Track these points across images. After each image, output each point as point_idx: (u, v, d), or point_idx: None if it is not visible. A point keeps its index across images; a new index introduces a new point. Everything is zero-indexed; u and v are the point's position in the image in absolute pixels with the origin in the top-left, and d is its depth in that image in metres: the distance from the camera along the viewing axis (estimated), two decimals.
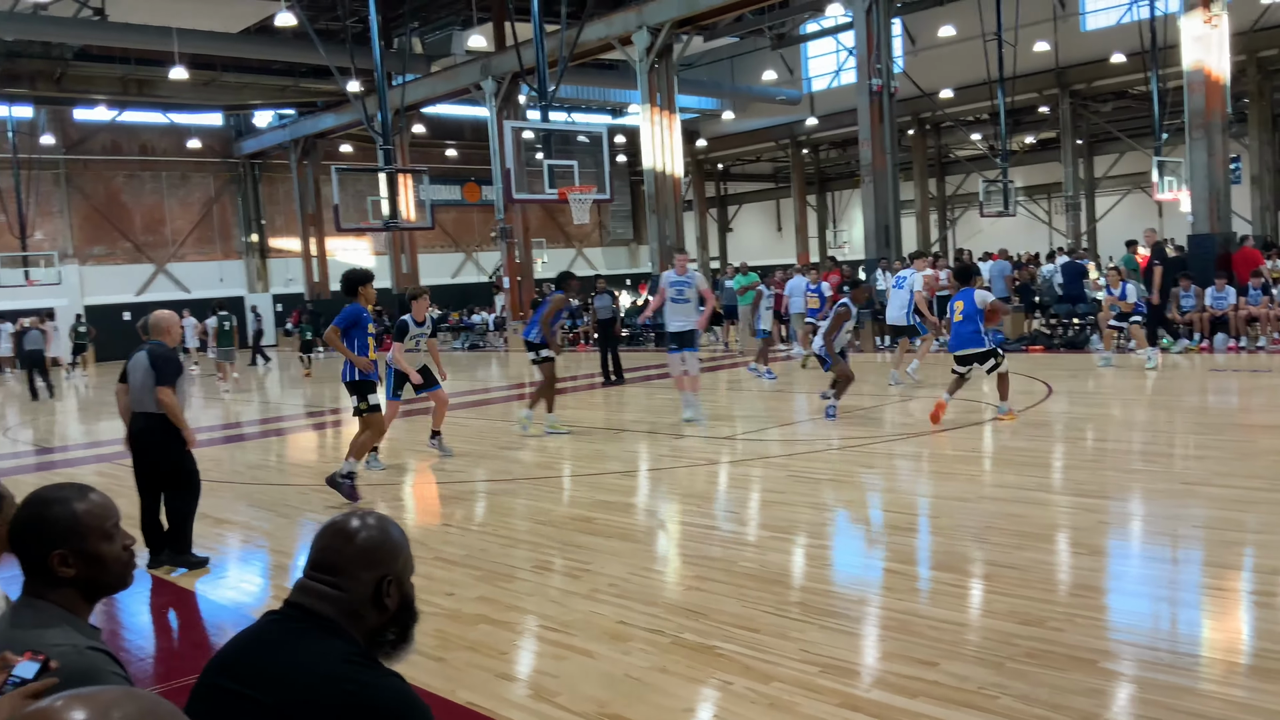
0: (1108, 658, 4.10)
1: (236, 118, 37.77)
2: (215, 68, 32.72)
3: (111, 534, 2.09)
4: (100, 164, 34.88)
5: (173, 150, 36.28)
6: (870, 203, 20.04)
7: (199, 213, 37.03)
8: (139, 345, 6.93)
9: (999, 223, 30.13)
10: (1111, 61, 28.26)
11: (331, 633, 1.87)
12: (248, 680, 1.82)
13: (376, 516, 2.02)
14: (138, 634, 5.69)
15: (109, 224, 34.91)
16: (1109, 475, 7.67)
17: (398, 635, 1.99)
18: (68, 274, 32.95)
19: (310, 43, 23.06)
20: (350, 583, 1.92)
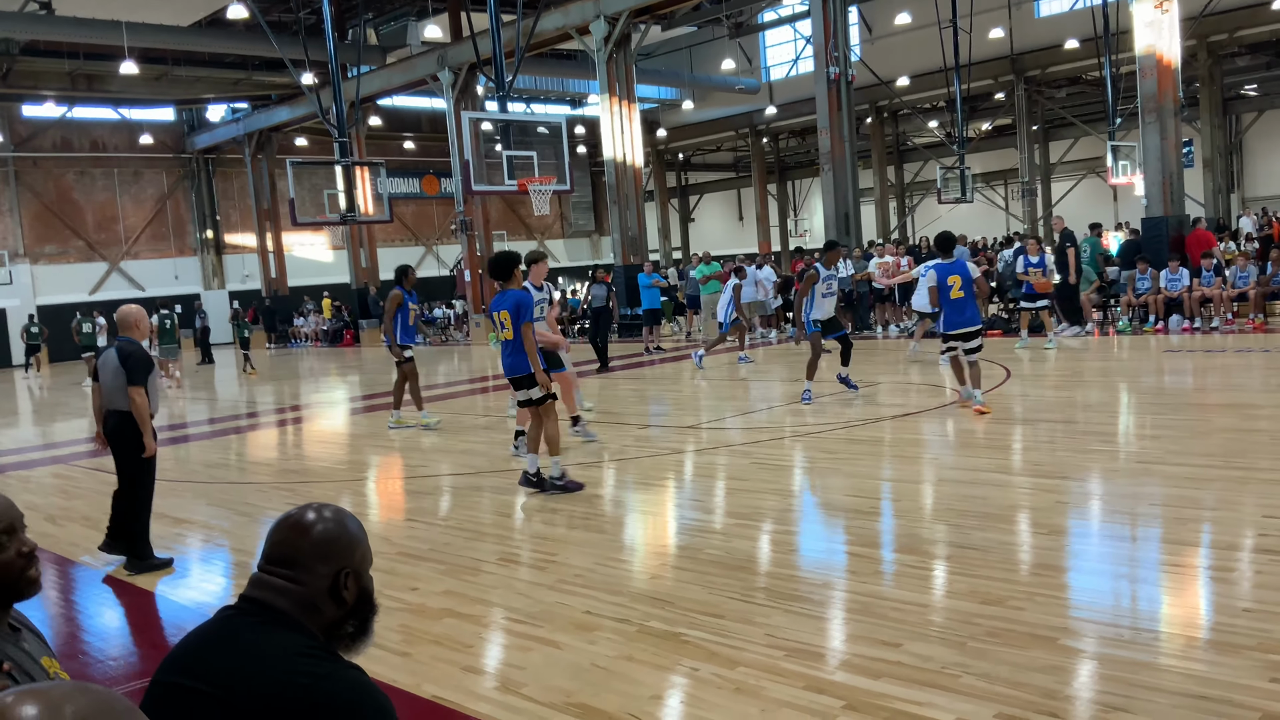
0: (1068, 635, 4.15)
1: (189, 112, 37.22)
2: (166, 61, 32.20)
3: (11, 533, 1.98)
4: (50, 161, 34.25)
5: (124, 146, 35.69)
6: (830, 191, 20.14)
7: (152, 209, 36.48)
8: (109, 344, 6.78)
9: (957, 209, 30.39)
10: (1065, 48, 28.58)
11: (287, 626, 1.84)
12: (203, 676, 1.79)
13: (333, 509, 1.99)
14: (97, 636, 5.60)
15: (60, 222, 34.31)
16: (1067, 456, 7.77)
17: (356, 628, 1.96)
18: (19, 274, 32.38)
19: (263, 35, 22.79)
20: (306, 576, 1.89)
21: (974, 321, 9.83)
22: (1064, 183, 36.70)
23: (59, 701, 1.01)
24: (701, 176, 48.57)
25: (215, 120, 37.37)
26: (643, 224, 24.43)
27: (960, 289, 9.72)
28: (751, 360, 15.95)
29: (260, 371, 23.09)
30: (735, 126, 39.85)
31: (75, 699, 1.02)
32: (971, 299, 9.79)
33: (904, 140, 40.10)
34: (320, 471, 9.76)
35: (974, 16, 25.99)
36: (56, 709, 1.00)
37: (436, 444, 10.79)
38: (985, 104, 35.03)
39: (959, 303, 9.79)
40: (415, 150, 39.97)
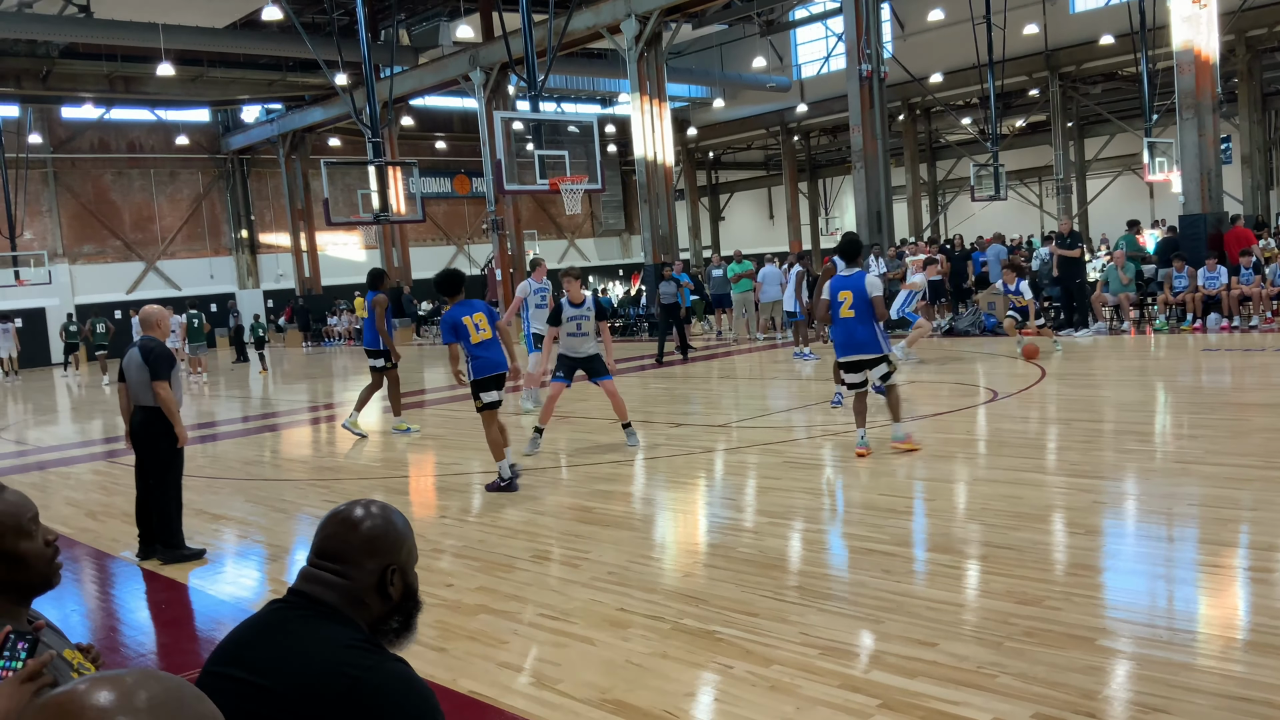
0: (1105, 635, 4.12)
1: (224, 113, 37.60)
2: (202, 63, 32.57)
3: (29, 530, 1.99)
4: (88, 162, 34.72)
5: (161, 147, 36.13)
6: (861, 189, 20.04)
7: (188, 209, 36.89)
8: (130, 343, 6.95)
9: (990, 207, 30.16)
10: (1100, 43, 28.27)
11: (335, 620, 1.88)
12: (252, 667, 1.82)
13: (380, 505, 2.03)
14: (134, 629, 5.69)
15: (98, 222, 34.77)
16: (1104, 455, 7.70)
17: (401, 624, 1.99)
18: (58, 273, 32.84)
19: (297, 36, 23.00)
20: (354, 571, 1.93)
21: (868, 348, 8.14)
22: (1099, 180, 36.31)
23: (132, 687, 1.03)
24: (732, 175, 48.48)
25: (250, 121, 37.74)
26: (673, 223, 24.43)
27: (851, 307, 8.08)
28: (815, 356, 15.77)
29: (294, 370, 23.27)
30: (766, 124, 39.74)
31: (148, 684, 1.05)
32: (868, 320, 8.10)
33: (937, 137, 39.83)
34: (354, 469, 9.85)
35: (1007, 12, 25.78)
36: (130, 694, 1.02)
37: (467, 442, 10.84)
38: (1019, 101, 34.73)
39: (848, 324, 8.14)
40: (447, 150, 40.17)
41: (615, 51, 25.27)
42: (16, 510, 1.99)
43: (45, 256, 32.11)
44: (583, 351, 9.48)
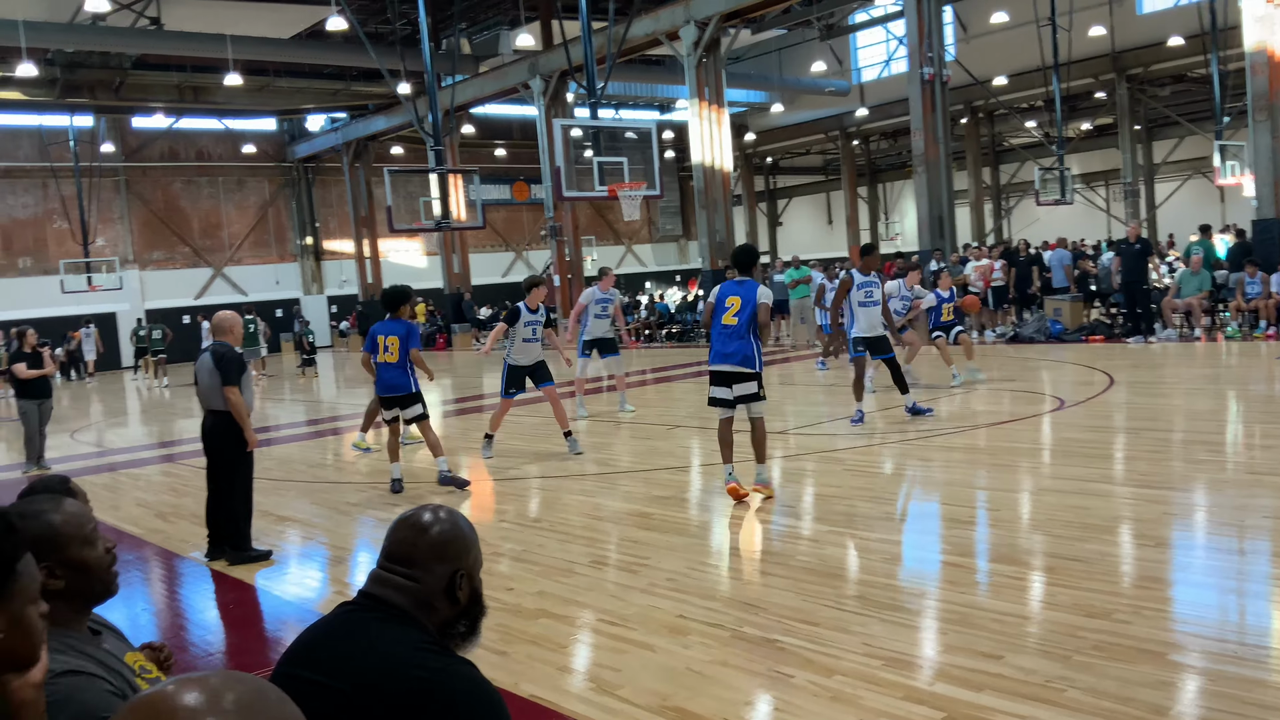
0: (1176, 650, 4.03)
1: (290, 122, 38.33)
2: (268, 73, 33.22)
3: (92, 539, 2.04)
4: (158, 170, 35.60)
5: (228, 155, 36.93)
6: (923, 193, 19.83)
7: (254, 216, 37.65)
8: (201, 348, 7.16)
9: (1056, 211, 29.63)
10: (1169, 44, 27.67)
11: (405, 622, 1.91)
12: (323, 668, 1.86)
13: (448, 511, 2.06)
14: (202, 628, 5.80)
15: (168, 229, 35.62)
16: (1173, 466, 7.53)
17: (467, 628, 2.03)
18: (129, 279, 33.65)
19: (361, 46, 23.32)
20: (424, 575, 1.96)
21: (743, 360, 7.21)
22: (1168, 183, 35.53)
23: (219, 689, 1.06)
24: (790, 180, 48.25)
25: (315, 130, 38.42)
26: (731, 228, 24.37)
27: (735, 315, 7.26)
28: (828, 368, 15.63)
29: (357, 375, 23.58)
30: (825, 129, 39.50)
31: (234, 686, 1.07)
32: (747, 334, 7.25)
33: (1000, 141, 39.26)
34: (415, 472, 9.96)
35: (1073, 14, 25.35)
36: (217, 696, 1.05)
37: (522, 447, 10.91)
38: (1085, 103, 34.10)
39: (729, 332, 7.29)
40: (506, 157, 40.52)
41: (673, 57, 25.28)
42: (79, 520, 2.03)
43: (116, 263, 32.94)
44: (534, 358, 10.16)
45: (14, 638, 1.83)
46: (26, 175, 32.80)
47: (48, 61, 29.62)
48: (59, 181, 32.32)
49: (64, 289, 31.02)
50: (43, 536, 1.97)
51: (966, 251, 20.45)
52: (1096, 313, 19.38)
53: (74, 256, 32.06)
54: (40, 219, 33.12)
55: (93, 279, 31.74)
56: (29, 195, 32.98)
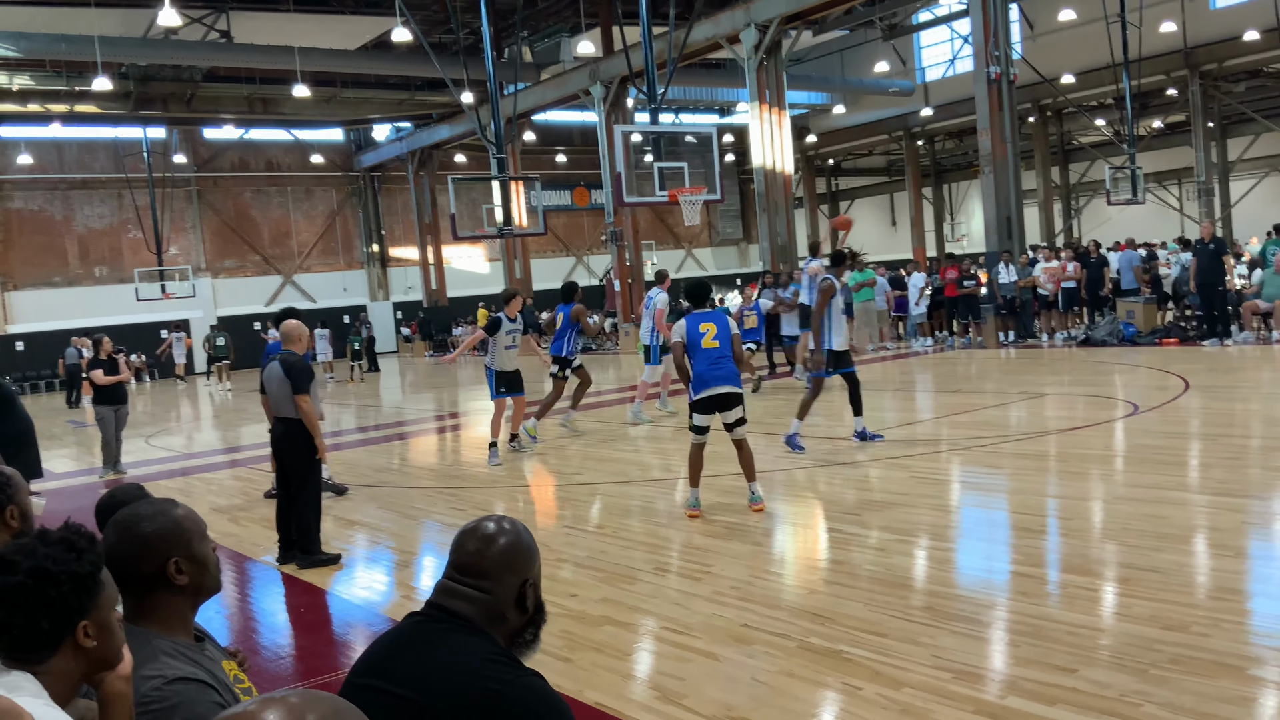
0: (1256, 664, 3.90)
1: (356, 132, 38.99)
2: (335, 84, 33.84)
3: (206, 535, 2.16)
4: (229, 181, 36.42)
5: (297, 165, 37.67)
6: (990, 194, 19.52)
7: (322, 225, 38.33)
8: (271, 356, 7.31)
9: (1127, 211, 29.02)
10: (1244, 40, 26.95)
11: (474, 633, 1.93)
12: (395, 679, 1.88)
13: (511, 521, 2.07)
14: (274, 631, 5.90)
15: (238, 238, 36.42)
16: (1251, 473, 7.31)
17: (533, 636, 2.04)
18: (201, 287, 34.49)
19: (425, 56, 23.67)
20: (495, 586, 1.98)
21: (737, 380, 7.40)
22: (1244, 182, 34.56)
23: (301, 709, 1.09)
24: (852, 181, 47.84)
25: (380, 139, 39.02)
26: (792, 231, 24.22)
27: (715, 339, 7.34)
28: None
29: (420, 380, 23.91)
30: (888, 129, 39.10)
31: (316, 707, 1.10)
32: (729, 354, 7.34)
33: (1069, 139, 38.53)
34: (480, 477, 10.04)
35: (1143, 10, 24.81)
36: (300, 715, 1.08)
37: (587, 452, 10.95)
38: (1156, 100, 33.32)
39: (716, 355, 7.32)
40: (566, 163, 40.77)
41: (734, 61, 25.23)
42: (196, 516, 2.17)
43: (189, 271, 33.78)
44: (514, 365, 10.86)
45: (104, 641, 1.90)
46: (102, 186, 33.76)
47: (122, 75, 30.50)
48: (133, 192, 33.25)
49: (139, 297, 31.88)
50: (170, 532, 2.09)
51: (1035, 252, 20.08)
52: (1170, 315, 18.92)
53: (148, 265, 32.93)
54: (115, 229, 34.06)
55: (166, 287, 32.58)
56: (104, 206, 33.94)
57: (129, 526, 2.08)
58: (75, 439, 17.35)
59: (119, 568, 2.01)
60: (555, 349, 12.16)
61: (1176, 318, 18.52)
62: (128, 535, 2.07)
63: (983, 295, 19.83)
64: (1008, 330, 19.45)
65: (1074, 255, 19.77)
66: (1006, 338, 19.37)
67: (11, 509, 2.80)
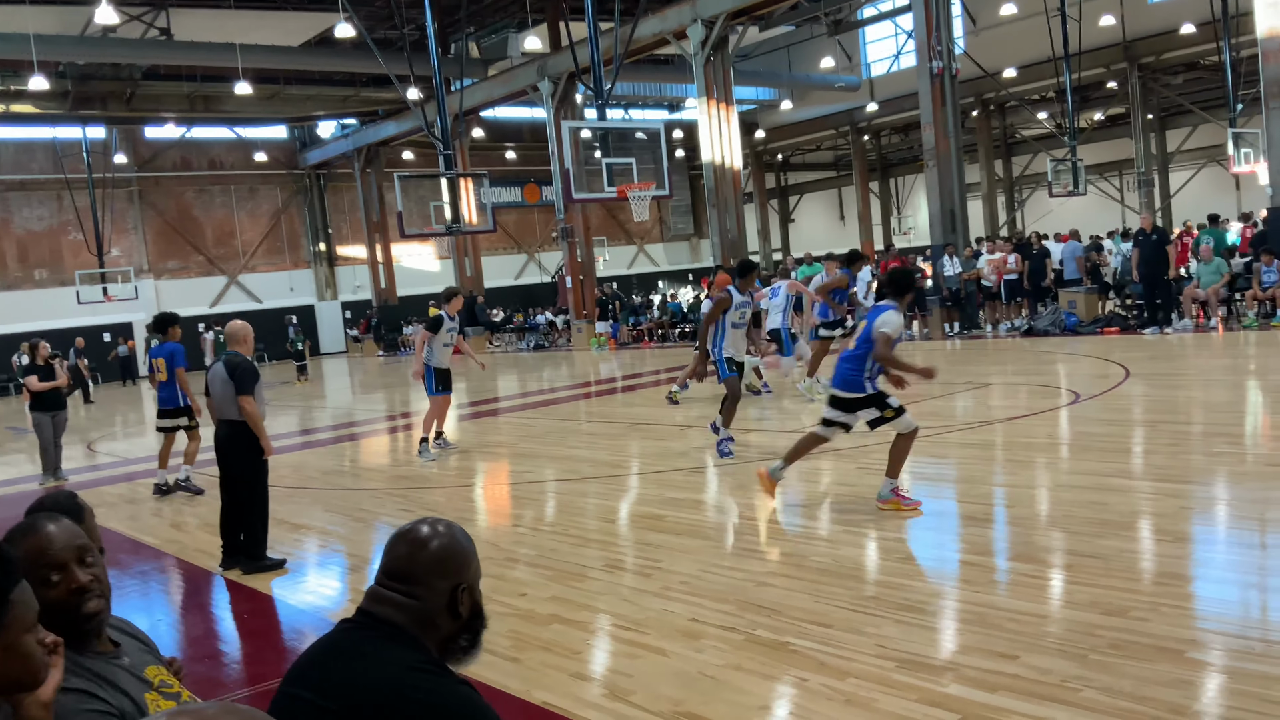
0: (1195, 648, 3.97)
1: (301, 129, 38.48)
2: (278, 81, 33.35)
3: (76, 560, 2.06)
4: (171, 180, 35.79)
5: (240, 164, 37.10)
6: (935, 187, 19.74)
7: (268, 224, 37.81)
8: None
9: (1069, 202, 29.48)
10: (1181, 33, 27.49)
11: (403, 641, 1.89)
12: (321, 689, 1.84)
13: (446, 524, 2.03)
14: (218, 639, 5.81)
15: (182, 238, 35.81)
16: (1192, 459, 7.46)
17: (469, 641, 2.00)
18: (144, 289, 33.86)
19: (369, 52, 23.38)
20: (425, 591, 1.93)
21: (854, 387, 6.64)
22: (1182, 172, 35.26)
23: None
24: (801, 176, 48.13)
25: (326, 136, 38.56)
26: (742, 226, 24.32)
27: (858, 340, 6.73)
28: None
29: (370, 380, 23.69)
30: (835, 125, 39.39)
31: (228, 718, 1.04)
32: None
33: (1012, 133, 39.06)
34: (430, 477, 9.96)
35: (1083, 4, 25.21)
36: None
37: (539, 450, 10.91)
38: (1097, 93, 33.90)
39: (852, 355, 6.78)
40: (516, 160, 40.57)
41: (681, 56, 25.26)
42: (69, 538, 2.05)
43: (131, 273, 33.17)
44: (449, 363, 11.05)
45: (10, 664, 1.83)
46: (41, 188, 33.04)
47: (59, 74, 29.83)
48: (73, 193, 32.55)
49: (80, 300, 31.23)
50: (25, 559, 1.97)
51: (980, 245, 20.33)
52: (1111, 305, 19.26)
53: (89, 267, 32.27)
54: (55, 231, 33.36)
55: (108, 289, 31.96)
56: (43, 207, 33.22)
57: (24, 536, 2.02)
58: (15, 446, 16.96)
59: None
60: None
61: (1117, 307, 18.85)
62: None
63: (928, 288, 20.05)
64: (953, 322, 19.67)
65: (1015, 247, 20.06)
66: (952, 329, 19.59)
67: None
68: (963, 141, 21.10)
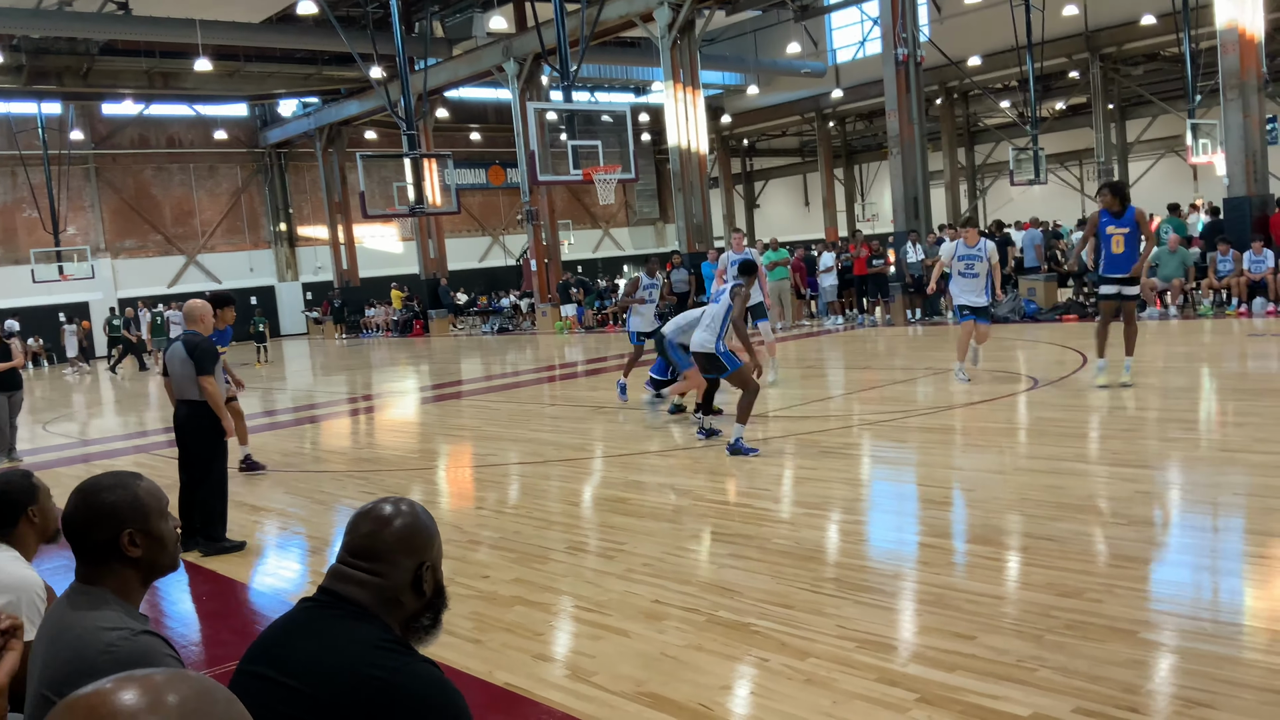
0: (1148, 628, 4.05)
1: (261, 107, 37.94)
2: (239, 58, 32.85)
3: (167, 514, 2.17)
4: (129, 158, 35.18)
5: (200, 142, 36.54)
6: (898, 174, 19.85)
7: (227, 203, 37.30)
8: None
9: (1030, 191, 29.81)
10: (1142, 24, 27.80)
11: (365, 619, 1.88)
12: (283, 667, 1.83)
13: (409, 503, 2.03)
14: (179, 621, 5.75)
15: (139, 217, 35.25)
16: (1147, 444, 7.58)
17: (431, 621, 2.00)
18: (100, 268, 33.33)
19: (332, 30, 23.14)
20: (389, 569, 1.93)
21: None
22: (1142, 162, 35.73)
23: (161, 687, 0.99)
24: (767, 162, 48.23)
25: (287, 115, 38.05)
26: (708, 211, 24.33)
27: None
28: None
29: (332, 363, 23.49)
30: (801, 111, 39.46)
31: (177, 685, 1.01)
32: None
33: (975, 121, 39.36)
34: (392, 460, 9.91)
35: None
36: (158, 695, 0.98)
37: (503, 433, 10.88)
38: (1059, 83, 34.22)
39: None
40: (481, 141, 40.29)
41: (648, 39, 25.19)
42: (158, 493, 2.18)
43: (88, 251, 32.61)
44: None
45: None
46: None
47: (13, 48, 29.19)
48: (28, 170, 31.91)
49: (35, 279, 30.69)
50: (128, 505, 2.10)
51: (942, 232, 20.48)
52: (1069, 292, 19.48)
53: (44, 246, 31.70)
54: (9, 208, 32.72)
55: (64, 268, 31.42)
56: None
57: (87, 494, 2.11)
58: None
59: (73, 532, 2.08)
60: None
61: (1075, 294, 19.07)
62: (84, 503, 2.10)
63: (890, 274, 20.20)
64: (915, 308, 19.83)
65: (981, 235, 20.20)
66: (914, 315, 19.75)
67: (33, 509, 3.03)
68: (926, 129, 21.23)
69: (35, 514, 3.11)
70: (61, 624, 2.02)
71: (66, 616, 2.03)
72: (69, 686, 1.86)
